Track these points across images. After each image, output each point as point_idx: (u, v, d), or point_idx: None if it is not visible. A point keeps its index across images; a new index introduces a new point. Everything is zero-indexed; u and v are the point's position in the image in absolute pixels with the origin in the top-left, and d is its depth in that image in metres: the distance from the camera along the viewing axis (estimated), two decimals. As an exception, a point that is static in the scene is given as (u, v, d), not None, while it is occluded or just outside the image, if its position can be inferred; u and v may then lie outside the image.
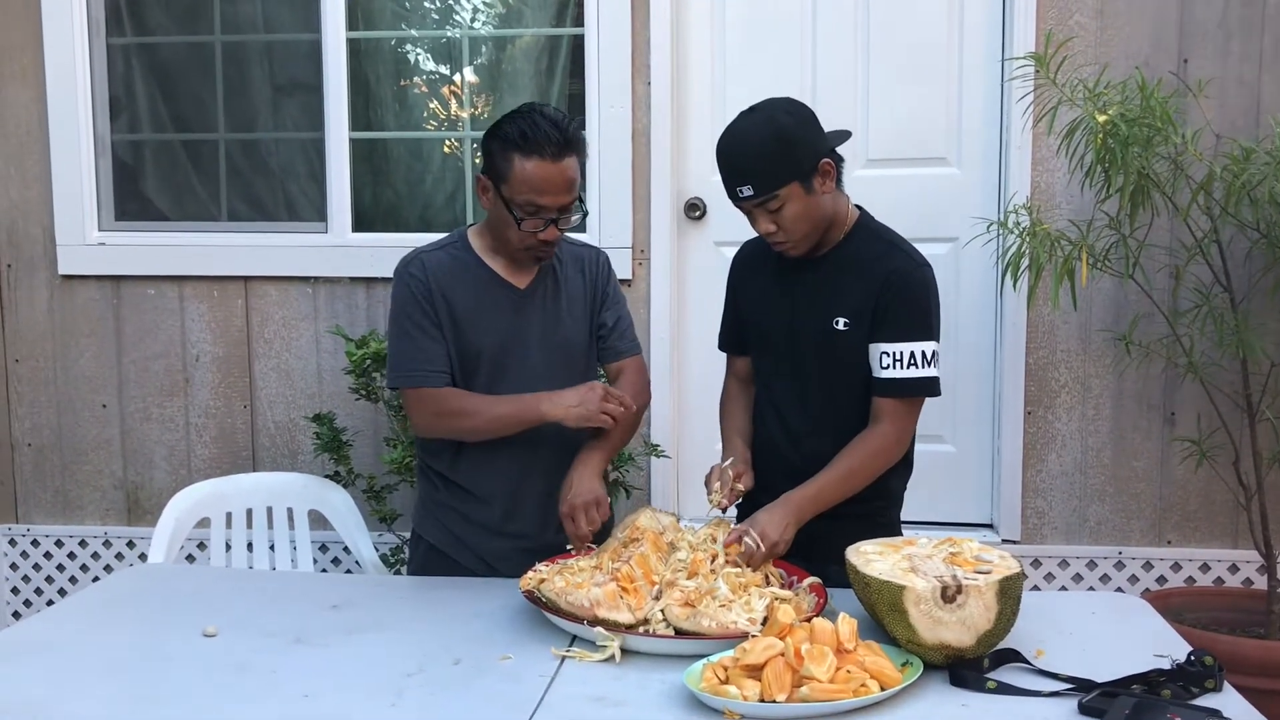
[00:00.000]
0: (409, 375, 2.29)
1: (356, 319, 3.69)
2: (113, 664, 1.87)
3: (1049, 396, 3.52)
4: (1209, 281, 3.18)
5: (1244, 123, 3.34)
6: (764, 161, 2.12)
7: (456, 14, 3.82)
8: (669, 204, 3.59)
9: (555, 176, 2.18)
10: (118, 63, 3.83)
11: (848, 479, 2.18)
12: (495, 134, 2.22)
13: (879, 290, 2.19)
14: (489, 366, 2.30)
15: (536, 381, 2.31)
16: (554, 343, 2.35)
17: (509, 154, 2.18)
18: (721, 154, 2.17)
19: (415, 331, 2.28)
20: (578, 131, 2.22)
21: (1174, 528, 3.52)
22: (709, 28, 3.62)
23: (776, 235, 2.18)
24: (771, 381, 2.36)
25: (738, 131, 2.17)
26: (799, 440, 2.30)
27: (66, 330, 3.82)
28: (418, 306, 2.28)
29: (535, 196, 2.18)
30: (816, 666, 1.63)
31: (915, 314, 2.19)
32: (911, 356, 2.17)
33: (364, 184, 3.81)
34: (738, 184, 2.14)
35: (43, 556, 3.90)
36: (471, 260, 2.33)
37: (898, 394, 2.19)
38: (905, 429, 2.23)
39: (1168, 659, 1.78)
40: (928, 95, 3.53)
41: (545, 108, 2.22)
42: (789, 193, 2.13)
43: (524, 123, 2.18)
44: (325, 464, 3.55)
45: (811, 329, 2.26)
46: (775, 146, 2.12)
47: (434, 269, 2.30)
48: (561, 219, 2.22)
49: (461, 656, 1.87)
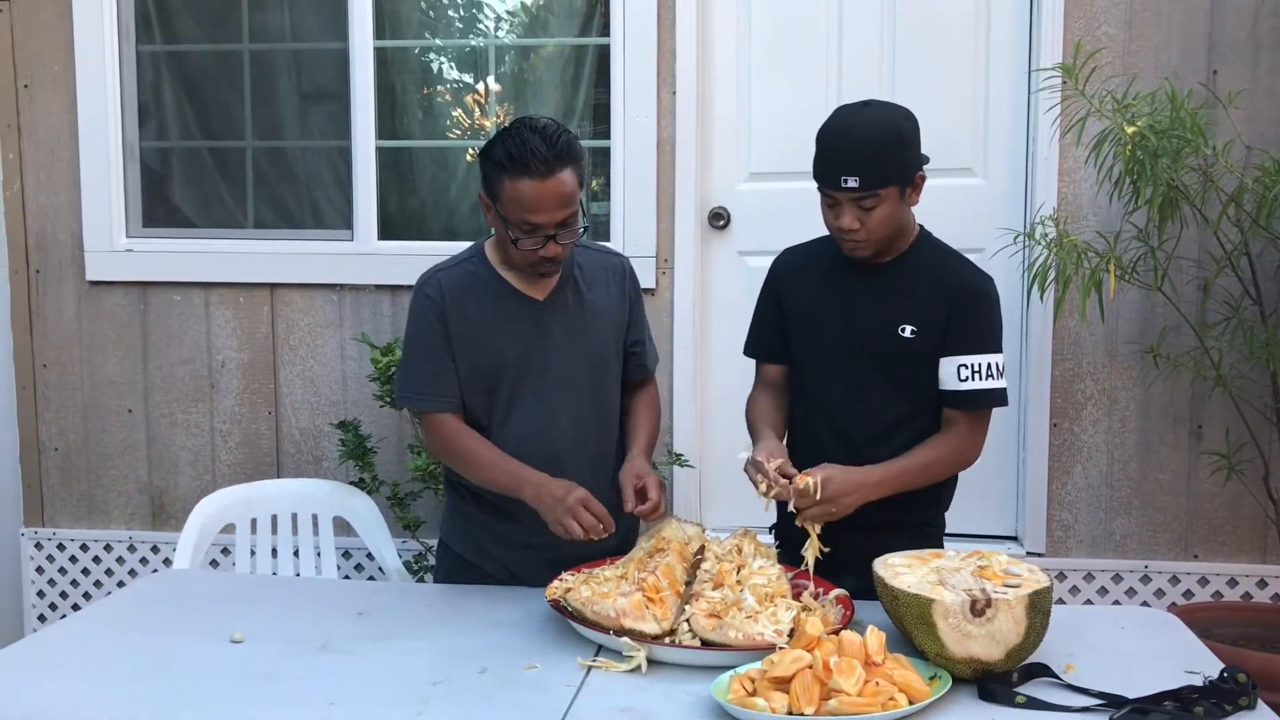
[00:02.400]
0: (413, 397, 2.33)
1: (381, 326, 3.70)
2: (139, 670, 1.87)
3: (1075, 409, 3.50)
4: (1238, 294, 3.16)
5: (1274, 134, 3.31)
6: (878, 158, 2.12)
7: (482, 23, 3.84)
8: (693, 213, 3.59)
9: (546, 194, 2.13)
10: (147, 70, 3.86)
11: (925, 471, 2.20)
12: (486, 155, 2.19)
13: (952, 303, 2.21)
14: (511, 381, 2.29)
15: (561, 395, 2.30)
16: (578, 354, 2.32)
17: (499, 175, 2.16)
18: (833, 139, 2.16)
19: (425, 355, 2.29)
20: (569, 143, 2.16)
21: (1201, 541, 3.49)
22: (734, 37, 3.62)
23: (857, 234, 2.17)
24: (824, 388, 2.32)
25: (858, 122, 2.16)
26: (854, 447, 2.27)
27: (93, 336, 3.84)
28: (431, 330, 2.28)
29: (529, 216, 2.15)
30: (845, 679, 1.63)
31: (990, 327, 2.24)
32: (988, 369, 2.21)
33: (390, 192, 3.82)
34: (845, 173, 2.12)
35: (68, 560, 3.92)
36: (488, 274, 2.31)
37: (976, 406, 2.22)
38: (982, 439, 2.26)
39: (1200, 675, 1.77)
40: (954, 106, 3.52)
41: (536, 121, 2.18)
42: (888, 194, 2.14)
43: (511, 142, 2.14)
44: (349, 471, 3.56)
45: (874, 335, 2.25)
46: (892, 146, 2.14)
47: (449, 288, 2.28)
48: (561, 234, 2.18)
49: (487, 665, 1.87)
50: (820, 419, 2.33)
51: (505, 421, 2.30)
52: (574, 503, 2.11)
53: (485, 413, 2.31)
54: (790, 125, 3.58)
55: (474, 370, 2.28)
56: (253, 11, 3.82)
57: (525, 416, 2.30)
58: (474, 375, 2.29)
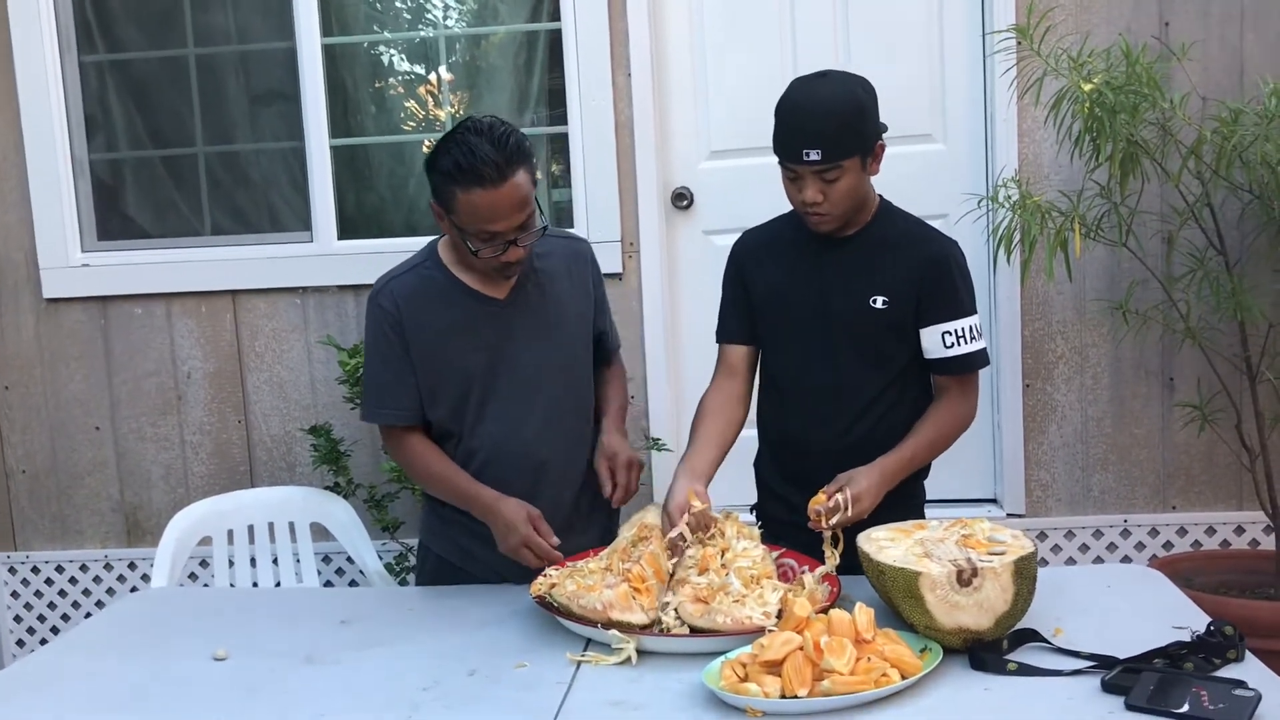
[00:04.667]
0: (374, 411, 2.31)
1: (347, 327, 3.66)
2: (125, 693, 1.84)
3: (1046, 368, 3.51)
4: (1202, 245, 3.17)
5: (1228, 83, 3.33)
6: (839, 130, 2.11)
7: (431, 14, 3.79)
8: (656, 195, 3.57)
9: (502, 202, 2.07)
10: (91, 81, 3.79)
11: (932, 447, 2.23)
12: (433, 165, 2.11)
13: (924, 271, 2.21)
14: (480, 385, 2.24)
15: (532, 393, 2.26)
16: (546, 351, 2.28)
17: (450, 187, 2.08)
18: (792, 113, 2.14)
19: (382, 367, 2.26)
20: (519, 143, 2.09)
21: (1178, 493, 3.52)
22: (687, 15, 3.59)
23: (821, 206, 2.15)
24: (798, 369, 2.30)
25: (816, 95, 2.14)
26: (834, 425, 2.26)
27: (55, 354, 3.78)
28: (386, 342, 2.23)
29: (485, 225, 2.08)
30: (836, 659, 1.62)
31: (965, 291, 2.25)
32: (969, 331, 2.22)
33: (347, 190, 3.77)
34: (806, 146, 2.10)
35: (43, 583, 3.86)
36: (443, 278, 2.24)
37: (965, 369, 2.24)
38: (976, 398, 2.29)
39: (1187, 630, 1.77)
40: (910, 73, 3.50)
41: (481, 123, 2.10)
42: (850, 165, 2.13)
43: (459, 152, 2.06)
44: (324, 475, 3.52)
45: (846, 309, 2.24)
46: (851, 117, 2.12)
47: (404, 297, 2.23)
48: (521, 237, 2.12)
49: (476, 667, 1.85)
50: (796, 401, 2.31)
51: (477, 425, 2.26)
52: (525, 537, 2.11)
53: (456, 418, 2.27)
54: (748, 100, 3.56)
55: (439, 378, 2.24)
56: (196, 14, 3.75)
57: (497, 418, 2.26)
58: (440, 383, 2.24)
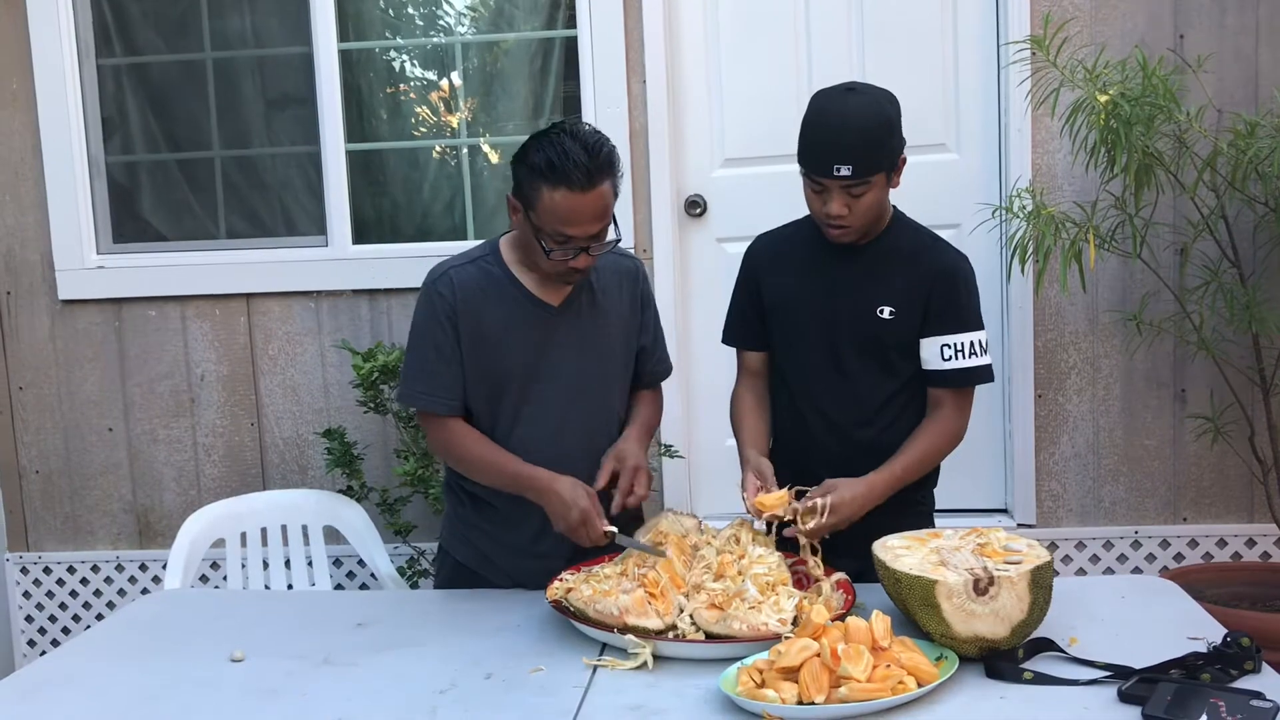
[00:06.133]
0: (416, 396, 2.27)
1: (361, 332, 3.67)
2: (142, 695, 1.85)
3: (1059, 379, 3.51)
4: (1216, 257, 3.17)
5: (1243, 95, 3.33)
6: (871, 146, 2.11)
7: (444, 20, 3.80)
8: (669, 202, 3.57)
9: (585, 207, 2.06)
10: (109, 84, 3.81)
11: (922, 464, 2.22)
12: (522, 159, 2.10)
13: (931, 283, 2.22)
14: (518, 385, 2.24)
15: (569, 401, 2.26)
16: (587, 360, 2.27)
17: (536, 183, 2.07)
18: (824, 128, 2.13)
19: (433, 354, 2.22)
20: (611, 154, 2.10)
21: (1189, 505, 3.51)
22: (701, 23, 3.60)
23: (845, 219, 2.15)
24: (807, 373, 2.32)
25: (848, 111, 2.13)
26: (840, 430, 2.28)
27: (69, 355, 3.80)
28: (440, 328, 2.21)
29: (564, 228, 2.07)
30: (853, 666, 1.62)
31: (970, 305, 2.25)
32: (971, 346, 2.22)
33: (362, 195, 3.78)
34: (837, 161, 2.09)
35: (55, 584, 3.88)
36: (503, 275, 2.24)
37: (961, 384, 2.24)
38: (968, 417, 2.28)
39: (1203, 641, 1.78)
40: (924, 83, 3.51)
41: (577, 127, 2.10)
42: (877, 180, 2.14)
43: (552, 150, 2.05)
44: (336, 479, 3.53)
45: (852, 317, 2.25)
46: (882, 133, 2.13)
47: (463, 286, 2.21)
48: (594, 246, 2.12)
49: (493, 670, 1.86)
50: (805, 404, 2.33)
51: (512, 426, 2.26)
52: (585, 511, 2.09)
53: (490, 416, 2.26)
54: (762, 108, 3.57)
55: (482, 374, 2.23)
56: (213, 19, 3.77)
57: (532, 422, 2.26)
58: (482, 379, 2.24)
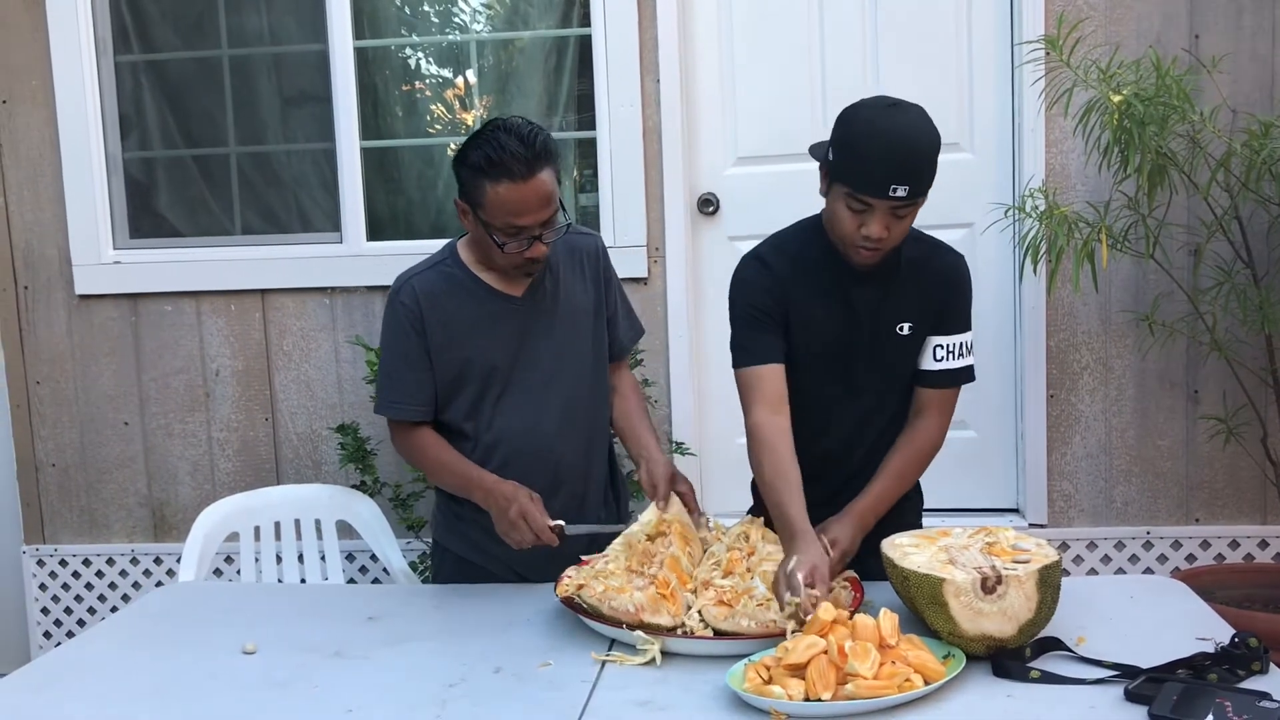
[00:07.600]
0: (389, 406, 2.34)
1: (374, 328, 3.69)
2: (154, 686, 1.87)
3: (1071, 379, 3.51)
4: (1230, 258, 3.16)
5: (1259, 96, 3.32)
6: (928, 166, 2.02)
7: (459, 18, 3.81)
8: (682, 200, 3.58)
9: (529, 196, 2.12)
10: (126, 81, 3.83)
11: (901, 481, 2.18)
12: (462, 160, 2.16)
13: (942, 289, 2.18)
14: (493, 379, 2.29)
15: (548, 388, 2.30)
16: (560, 346, 2.32)
17: (478, 181, 2.13)
18: (884, 147, 1.99)
19: (401, 363, 2.28)
20: (546, 141, 2.15)
21: (1201, 506, 3.50)
22: (716, 23, 3.61)
23: (883, 241, 2.04)
24: (822, 393, 2.24)
25: (904, 129, 2.01)
26: (856, 450, 2.25)
27: (86, 350, 3.83)
28: (405, 338, 2.27)
29: (513, 219, 2.13)
30: (860, 663, 1.63)
31: (966, 307, 2.22)
32: (961, 347, 2.19)
33: (376, 192, 3.80)
34: (895, 182, 1.97)
35: (71, 576, 3.91)
36: (463, 276, 2.29)
37: (949, 384, 2.21)
38: (949, 418, 2.24)
39: (1211, 641, 1.78)
40: (938, 82, 3.51)
41: (510, 122, 2.16)
42: (921, 202, 2.06)
43: (488, 146, 2.12)
44: (349, 474, 3.55)
45: (871, 337, 2.18)
46: (935, 153, 2.04)
47: (425, 293, 2.27)
48: (545, 234, 2.18)
49: (502, 665, 1.87)
50: (820, 421, 2.24)
51: (494, 420, 2.30)
52: (523, 507, 2.13)
53: (471, 413, 2.31)
54: (775, 107, 3.58)
55: (457, 374, 2.28)
56: (230, 16, 3.79)
57: (514, 413, 2.30)
58: (457, 379, 2.28)
